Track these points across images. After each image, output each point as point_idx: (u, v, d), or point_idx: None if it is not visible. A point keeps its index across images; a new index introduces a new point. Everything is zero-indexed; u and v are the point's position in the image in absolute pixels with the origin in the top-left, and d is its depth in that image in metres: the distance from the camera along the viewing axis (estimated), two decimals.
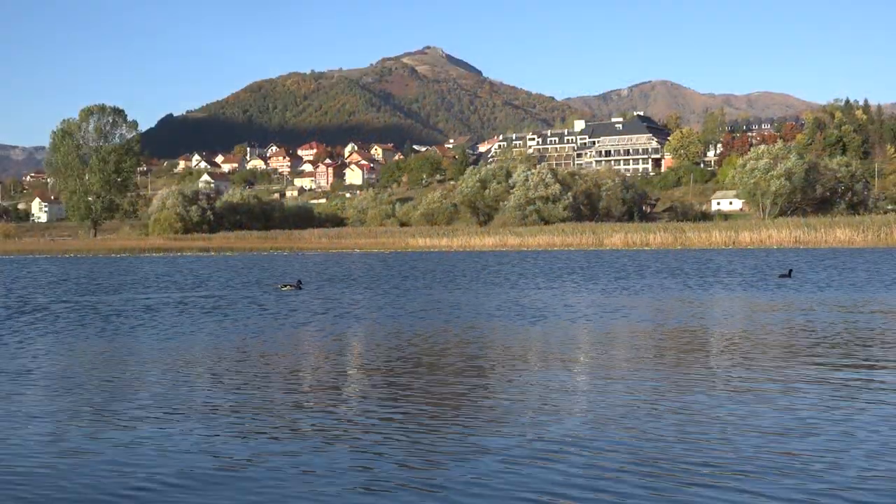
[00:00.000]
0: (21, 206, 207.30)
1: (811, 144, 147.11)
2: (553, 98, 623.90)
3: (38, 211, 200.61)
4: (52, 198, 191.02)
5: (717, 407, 9.41)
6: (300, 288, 28.24)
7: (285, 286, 28.73)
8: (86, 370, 12.44)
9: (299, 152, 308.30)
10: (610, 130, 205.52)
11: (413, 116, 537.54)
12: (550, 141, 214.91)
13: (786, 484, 6.65)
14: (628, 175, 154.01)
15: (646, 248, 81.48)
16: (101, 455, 7.75)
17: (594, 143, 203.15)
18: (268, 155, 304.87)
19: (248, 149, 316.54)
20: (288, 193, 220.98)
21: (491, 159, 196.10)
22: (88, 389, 10.93)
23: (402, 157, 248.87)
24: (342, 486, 6.77)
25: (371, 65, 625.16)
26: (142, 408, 9.70)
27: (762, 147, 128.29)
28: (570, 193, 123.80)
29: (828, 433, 8.21)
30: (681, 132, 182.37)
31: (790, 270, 32.70)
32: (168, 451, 7.84)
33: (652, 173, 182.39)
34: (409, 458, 7.53)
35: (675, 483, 6.71)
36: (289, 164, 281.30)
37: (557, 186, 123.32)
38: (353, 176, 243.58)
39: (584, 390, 10.68)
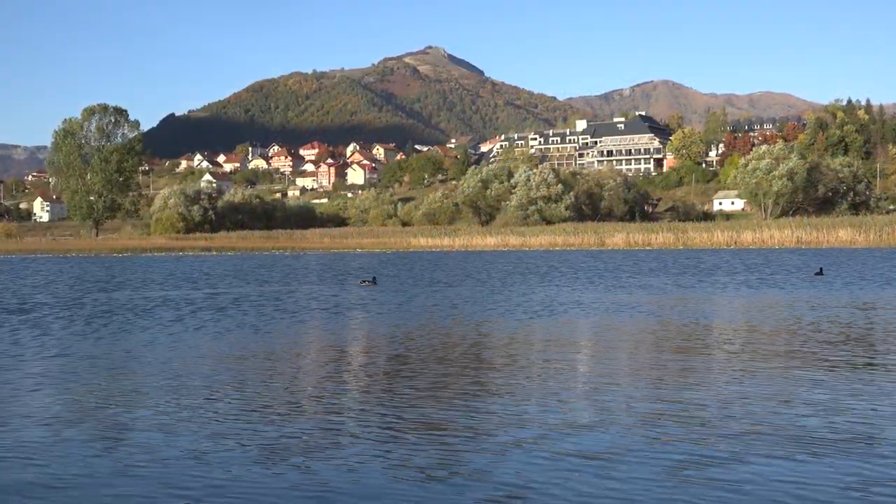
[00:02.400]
0: (23, 205, 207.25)
1: (813, 144, 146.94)
2: (555, 98, 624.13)
3: (40, 210, 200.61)
4: (54, 197, 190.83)
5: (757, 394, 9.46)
6: (375, 283, 31.31)
7: (364, 282, 32.09)
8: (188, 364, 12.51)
9: (301, 152, 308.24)
10: (612, 130, 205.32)
11: (415, 116, 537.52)
12: (552, 141, 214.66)
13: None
14: (630, 175, 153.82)
15: (648, 247, 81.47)
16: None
17: (596, 142, 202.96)
18: (269, 155, 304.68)
19: (250, 148, 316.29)
20: (290, 193, 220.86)
21: (493, 159, 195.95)
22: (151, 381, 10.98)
23: (403, 156, 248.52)
24: (366, 483, 6.80)
25: (373, 64, 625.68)
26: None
27: (764, 147, 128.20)
28: (571, 193, 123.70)
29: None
30: (682, 132, 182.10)
31: (821, 269, 35.12)
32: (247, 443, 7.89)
33: (654, 173, 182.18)
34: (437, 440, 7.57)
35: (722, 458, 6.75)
36: (290, 163, 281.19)
37: (559, 186, 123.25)
38: (355, 176, 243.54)
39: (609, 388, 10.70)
